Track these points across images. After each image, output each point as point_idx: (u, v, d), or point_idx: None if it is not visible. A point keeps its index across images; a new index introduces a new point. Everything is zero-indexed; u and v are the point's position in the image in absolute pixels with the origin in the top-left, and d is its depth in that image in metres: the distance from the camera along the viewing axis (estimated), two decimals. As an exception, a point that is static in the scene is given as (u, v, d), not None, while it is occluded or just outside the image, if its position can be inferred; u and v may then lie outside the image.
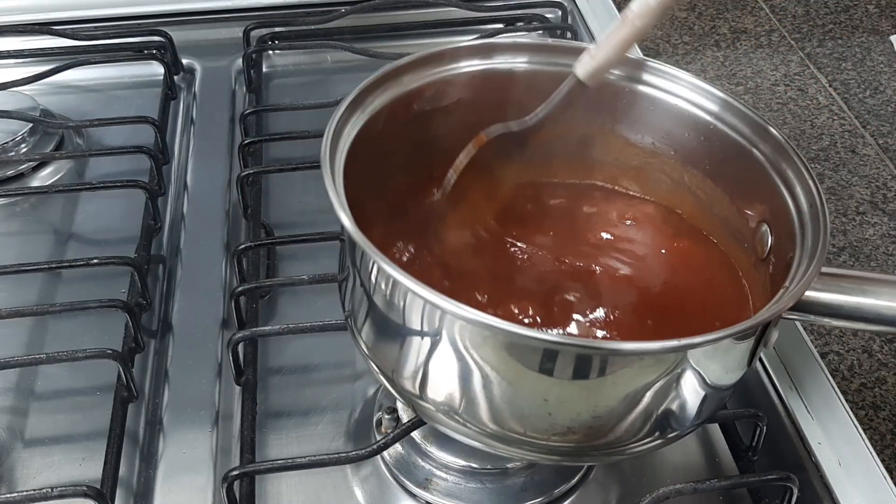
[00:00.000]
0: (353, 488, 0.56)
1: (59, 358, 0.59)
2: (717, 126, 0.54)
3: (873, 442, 0.86)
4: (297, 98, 0.84)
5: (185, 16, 0.94)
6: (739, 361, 0.47)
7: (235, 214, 0.74)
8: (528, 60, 0.56)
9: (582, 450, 0.47)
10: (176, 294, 0.67)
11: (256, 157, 0.77)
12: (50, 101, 0.84)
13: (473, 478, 0.55)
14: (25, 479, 0.57)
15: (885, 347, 1.49)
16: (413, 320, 0.44)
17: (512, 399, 0.44)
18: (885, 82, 2.05)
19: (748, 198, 0.54)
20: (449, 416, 0.46)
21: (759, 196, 0.52)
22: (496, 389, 0.44)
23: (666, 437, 0.48)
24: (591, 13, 0.93)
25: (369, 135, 0.51)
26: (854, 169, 1.81)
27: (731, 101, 0.54)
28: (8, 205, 0.76)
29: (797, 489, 0.53)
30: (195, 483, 0.56)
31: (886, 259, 1.63)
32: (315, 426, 0.60)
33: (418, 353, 0.45)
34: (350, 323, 0.51)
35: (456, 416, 0.46)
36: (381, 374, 0.49)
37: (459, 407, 0.46)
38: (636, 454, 0.49)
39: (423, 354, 0.45)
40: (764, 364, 0.60)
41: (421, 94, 0.54)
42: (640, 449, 0.48)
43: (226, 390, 0.61)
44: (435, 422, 0.48)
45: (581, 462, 0.54)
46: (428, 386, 0.46)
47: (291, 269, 0.70)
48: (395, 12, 0.94)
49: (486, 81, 0.56)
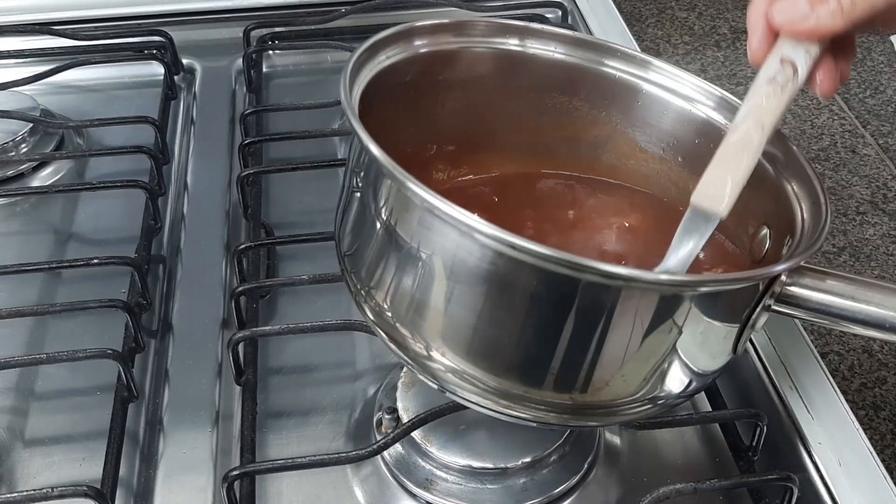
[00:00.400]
0: (354, 488, 0.56)
1: (59, 358, 0.59)
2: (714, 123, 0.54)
3: (874, 442, 0.86)
4: (297, 98, 0.84)
5: (186, 16, 0.94)
6: (728, 330, 0.47)
7: (235, 214, 0.74)
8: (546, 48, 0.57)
9: (578, 408, 0.46)
10: (176, 294, 0.67)
11: (256, 157, 0.77)
12: (50, 101, 0.84)
13: (474, 478, 0.55)
14: (25, 479, 0.57)
15: (886, 348, 1.49)
16: (423, 242, 0.43)
17: (512, 331, 0.44)
18: (886, 82, 2.05)
19: (752, 199, 0.54)
20: (436, 353, 0.45)
21: (761, 197, 0.52)
22: (502, 316, 0.43)
23: (656, 402, 0.47)
24: (592, 13, 0.93)
25: (383, 85, 0.51)
26: (854, 169, 1.81)
27: (730, 100, 0.54)
28: (8, 205, 0.76)
29: (797, 489, 0.53)
30: (195, 483, 0.56)
31: (887, 259, 1.63)
32: (315, 426, 0.60)
33: (430, 296, 0.44)
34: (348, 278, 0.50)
35: (448, 361, 0.45)
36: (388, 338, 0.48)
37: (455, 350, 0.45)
38: (629, 419, 0.50)
39: (419, 285, 0.44)
40: (764, 364, 0.60)
41: (434, 60, 0.54)
42: (634, 412, 0.48)
43: (226, 390, 0.61)
44: (427, 372, 0.47)
45: (578, 424, 0.53)
46: (421, 324, 0.45)
47: (291, 269, 0.70)
48: (395, 12, 0.94)
49: (500, 61, 0.56)
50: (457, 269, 0.43)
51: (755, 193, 0.52)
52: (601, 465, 0.57)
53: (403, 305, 0.46)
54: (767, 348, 0.61)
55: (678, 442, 0.60)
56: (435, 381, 0.48)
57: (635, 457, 0.59)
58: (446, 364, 0.46)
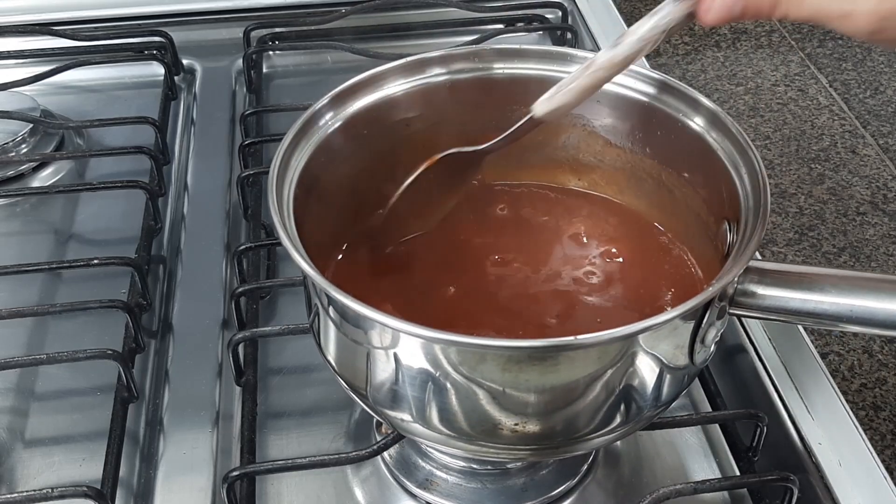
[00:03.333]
0: (354, 489, 0.56)
1: (59, 358, 0.59)
2: (655, 106, 0.54)
3: (874, 442, 0.86)
4: (297, 98, 0.84)
5: (186, 16, 0.94)
6: (677, 357, 0.46)
7: (236, 215, 0.74)
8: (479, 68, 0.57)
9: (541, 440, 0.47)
10: (176, 294, 0.68)
11: (257, 157, 0.77)
12: (50, 102, 0.84)
13: (474, 478, 0.55)
14: (26, 480, 0.57)
15: (886, 348, 1.49)
16: (361, 337, 0.45)
17: (469, 401, 0.44)
18: (886, 83, 2.05)
19: (708, 193, 0.54)
20: (419, 423, 0.47)
21: (716, 190, 0.52)
22: (453, 395, 0.44)
23: (614, 430, 0.48)
24: (592, 14, 0.93)
25: (320, 163, 0.52)
26: (854, 169, 1.81)
27: (671, 84, 0.54)
28: (8, 205, 0.76)
29: (797, 490, 0.53)
30: (195, 483, 0.56)
31: (887, 259, 1.63)
32: (315, 426, 0.60)
33: (375, 369, 0.46)
34: (317, 340, 0.51)
35: (422, 423, 0.46)
36: (352, 390, 0.50)
37: (423, 415, 0.46)
38: (603, 444, 0.51)
39: (380, 370, 0.45)
40: (764, 364, 0.60)
41: (372, 111, 0.55)
42: (599, 440, 0.49)
43: (226, 391, 0.61)
44: (408, 432, 0.49)
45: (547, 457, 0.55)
46: (392, 398, 0.46)
47: (292, 270, 0.70)
48: (396, 13, 0.94)
49: (430, 94, 0.57)
50: (392, 355, 0.44)
51: (712, 190, 0.52)
52: (601, 465, 0.57)
53: (366, 384, 0.47)
54: (767, 349, 0.61)
55: (678, 442, 0.60)
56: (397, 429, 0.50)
57: (635, 457, 0.59)
58: (406, 422, 0.47)
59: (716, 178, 0.52)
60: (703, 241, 0.55)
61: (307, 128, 0.52)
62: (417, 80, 0.56)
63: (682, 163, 0.55)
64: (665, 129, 0.55)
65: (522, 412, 0.45)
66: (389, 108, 0.56)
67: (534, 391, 0.44)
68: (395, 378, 0.45)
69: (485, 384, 0.43)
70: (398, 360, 0.44)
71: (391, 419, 0.48)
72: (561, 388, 0.44)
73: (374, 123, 0.56)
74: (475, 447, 0.47)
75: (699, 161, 0.53)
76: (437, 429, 0.46)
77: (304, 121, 0.52)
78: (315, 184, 0.52)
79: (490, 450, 0.47)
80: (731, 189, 0.50)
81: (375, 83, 0.55)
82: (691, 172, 0.55)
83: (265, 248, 0.70)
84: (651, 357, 0.45)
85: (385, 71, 0.56)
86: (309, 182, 0.51)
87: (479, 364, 0.43)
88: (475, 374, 0.43)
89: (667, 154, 0.56)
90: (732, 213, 0.50)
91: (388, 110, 0.56)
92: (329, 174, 0.54)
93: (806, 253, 1.62)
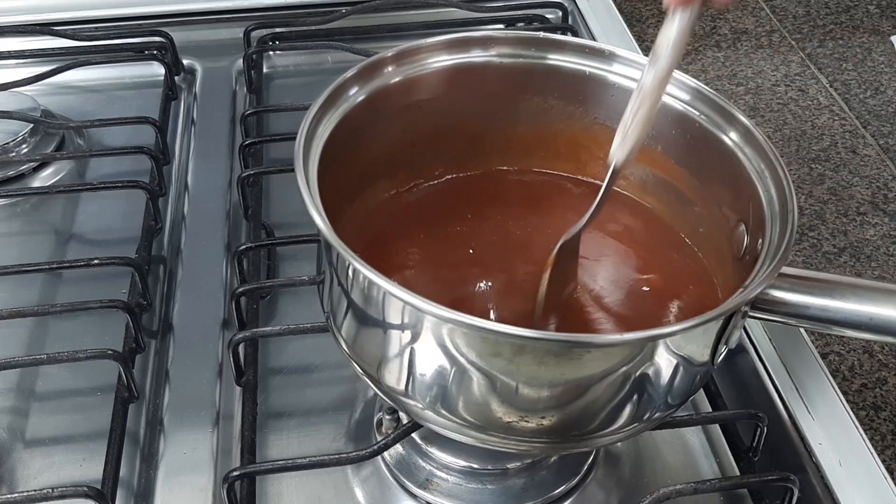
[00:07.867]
0: (354, 489, 0.56)
1: (59, 358, 0.59)
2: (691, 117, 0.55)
3: (874, 442, 0.86)
4: (297, 99, 0.84)
5: (186, 16, 0.94)
6: (700, 357, 0.47)
7: (236, 215, 0.74)
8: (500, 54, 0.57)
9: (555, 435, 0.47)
10: (177, 294, 0.68)
11: (257, 157, 0.77)
12: (51, 102, 0.84)
13: (474, 478, 0.55)
14: (26, 480, 0.57)
15: (886, 348, 1.49)
16: (388, 318, 0.44)
17: (488, 390, 0.44)
18: (886, 83, 2.05)
19: (727, 195, 0.54)
20: (432, 410, 0.46)
21: (735, 193, 0.52)
22: (474, 383, 0.44)
23: (628, 428, 0.48)
24: (592, 13, 0.93)
25: (345, 133, 0.52)
26: (855, 169, 1.81)
27: (708, 95, 0.54)
28: (9, 205, 0.76)
29: (798, 490, 0.53)
30: (196, 483, 0.56)
31: (887, 259, 1.63)
32: (315, 426, 0.60)
33: (396, 351, 0.45)
34: (330, 322, 0.51)
35: (438, 410, 0.46)
36: (364, 374, 0.49)
37: (439, 402, 0.46)
38: (619, 440, 0.51)
39: (400, 352, 0.45)
40: (764, 364, 0.60)
41: (395, 90, 0.55)
42: (610, 438, 0.49)
43: (226, 391, 0.61)
44: (420, 418, 0.48)
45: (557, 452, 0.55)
46: (409, 383, 0.46)
47: (292, 270, 0.70)
48: (396, 13, 0.94)
49: (461, 75, 0.57)
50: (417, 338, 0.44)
51: (730, 190, 0.52)
52: (601, 465, 0.57)
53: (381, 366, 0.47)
54: (768, 349, 0.61)
55: (678, 442, 0.60)
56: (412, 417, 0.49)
57: (635, 457, 0.59)
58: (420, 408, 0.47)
59: (737, 182, 0.52)
60: (719, 240, 0.55)
61: (334, 97, 0.52)
62: (459, 58, 0.56)
63: (704, 163, 0.55)
64: (689, 132, 0.55)
65: (542, 406, 0.44)
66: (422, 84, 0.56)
67: (561, 385, 0.44)
68: (415, 362, 0.45)
69: (519, 375, 0.43)
70: (421, 342, 0.44)
71: (405, 405, 0.48)
72: (585, 383, 0.44)
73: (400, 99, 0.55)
74: (489, 437, 0.47)
75: (720, 162, 0.53)
76: (456, 417, 0.46)
77: (332, 91, 0.51)
78: (339, 153, 0.51)
79: (504, 441, 0.47)
80: (752, 193, 0.50)
81: (413, 56, 0.55)
82: (713, 173, 0.55)
83: (265, 248, 0.70)
84: (677, 357, 0.45)
85: (428, 45, 0.56)
86: (332, 152, 0.50)
87: (517, 356, 0.42)
88: (508, 364, 0.42)
89: (688, 155, 0.56)
90: (753, 216, 0.50)
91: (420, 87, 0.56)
92: (351, 146, 0.53)
93: (806, 253, 1.62)
